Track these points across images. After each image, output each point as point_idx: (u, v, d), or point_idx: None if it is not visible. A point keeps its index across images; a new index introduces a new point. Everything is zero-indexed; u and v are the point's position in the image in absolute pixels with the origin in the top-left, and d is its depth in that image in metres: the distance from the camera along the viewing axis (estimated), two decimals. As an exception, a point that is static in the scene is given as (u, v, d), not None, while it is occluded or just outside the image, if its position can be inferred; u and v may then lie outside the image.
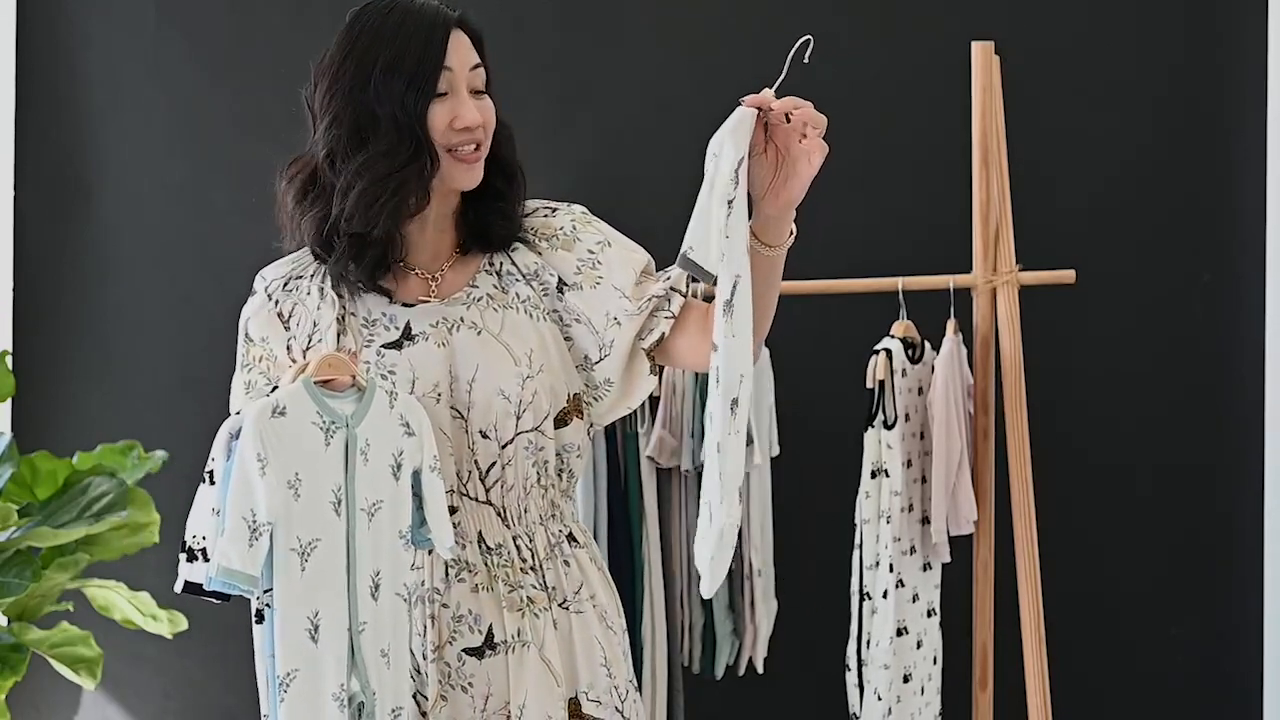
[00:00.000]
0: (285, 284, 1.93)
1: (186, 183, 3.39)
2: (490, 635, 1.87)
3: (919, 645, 2.84)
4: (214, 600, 1.71)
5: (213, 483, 1.69)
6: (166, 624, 2.92)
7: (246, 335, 1.93)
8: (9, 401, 3.23)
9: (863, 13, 3.32)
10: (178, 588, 1.72)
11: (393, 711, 1.76)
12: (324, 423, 1.72)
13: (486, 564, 1.89)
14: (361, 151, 1.84)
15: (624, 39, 3.36)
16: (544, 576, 1.91)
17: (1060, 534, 3.05)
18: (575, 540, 1.96)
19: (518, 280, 1.93)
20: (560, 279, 1.93)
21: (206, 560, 1.68)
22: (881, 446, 2.74)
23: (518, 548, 1.90)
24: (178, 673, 3.39)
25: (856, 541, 2.77)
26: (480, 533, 1.89)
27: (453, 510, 1.88)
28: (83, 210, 3.41)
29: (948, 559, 2.86)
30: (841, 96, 3.33)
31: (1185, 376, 3.31)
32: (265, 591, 1.68)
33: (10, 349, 3.33)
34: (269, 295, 1.93)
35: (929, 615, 2.88)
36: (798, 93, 3.45)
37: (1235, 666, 3.30)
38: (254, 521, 1.65)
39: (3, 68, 3.39)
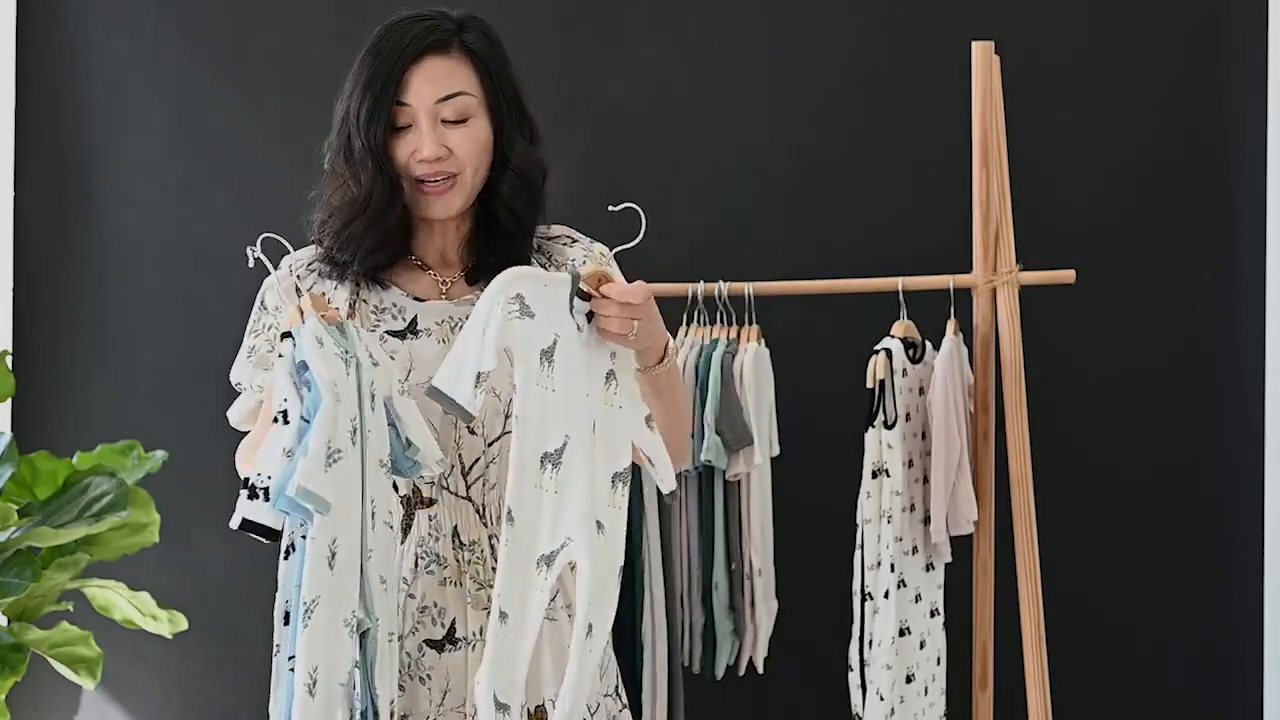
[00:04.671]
0: (309, 265, 1.97)
1: (186, 183, 3.39)
2: (452, 629, 1.89)
3: (922, 645, 2.84)
4: (263, 539, 1.71)
5: (287, 422, 1.69)
6: (166, 624, 2.92)
7: (262, 303, 1.98)
8: (9, 401, 3.23)
9: (863, 13, 3.32)
10: (234, 523, 1.71)
11: (389, 635, 1.78)
12: (344, 354, 1.74)
13: (458, 559, 1.91)
14: (340, 173, 1.91)
15: (624, 39, 3.36)
16: None
17: (1060, 534, 3.05)
18: None
19: None
20: None
21: (267, 500, 1.68)
22: (882, 446, 2.74)
23: (492, 547, 1.91)
24: (178, 673, 3.39)
25: (858, 541, 2.77)
26: (455, 527, 1.91)
27: (431, 503, 1.91)
28: (83, 210, 3.41)
29: (948, 559, 2.86)
30: (842, 96, 3.33)
31: (1185, 376, 3.31)
32: (302, 523, 1.69)
33: (10, 349, 3.33)
34: (291, 269, 1.97)
35: (932, 615, 2.88)
36: (800, 95, 3.46)
37: (1235, 666, 3.30)
38: (330, 447, 1.67)
39: (3, 68, 3.39)
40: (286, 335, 1.72)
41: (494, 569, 1.88)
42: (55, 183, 3.42)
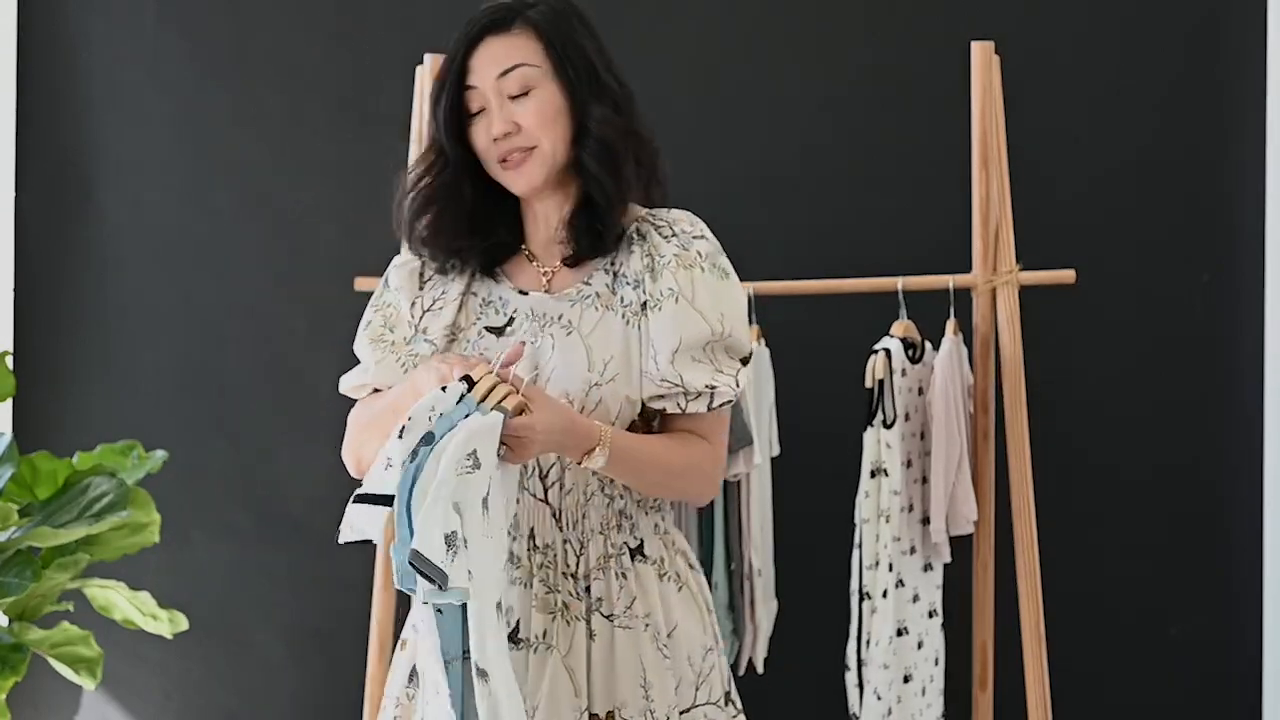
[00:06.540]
0: None
1: (187, 182, 3.39)
2: (516, 629, 1.87)
3: (920, 646, 2.83)
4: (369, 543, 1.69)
5: (400, 438, 1.67)
6: (166, 624, 2.92)
7: (386, 281, 2.00)
8: (9, 401, 3.23)
9: (863, 13, 3.32)
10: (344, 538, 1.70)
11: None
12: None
13: (531, 561, 1.89)
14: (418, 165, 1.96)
15: (624, 39, 3.36)
16: (588, 585, 1.89)
17: (1060, 534, 3.05)
18: (643, 555, 1.93)
19: (627, 283, 1.93)
20: (646, 299, 1.92)
21: (389, 505, 1.67)
22: (881, 446, 2.74)
23: (565, 552, 1.89)
24: (178, 673, 3.39)
25: (856, 541, 2.77)
26: (532, 529, 1.89)
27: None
28: (83, 210, 3.41)
29: (948, 559, 2.86)
30: (842, 95, 3.33)
31: (1185, 376, 3.31)
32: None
33: (10, 349, 3.33)
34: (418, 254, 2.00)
35: (930, 616, 2.88)
36: (800, 95, 3.46)
37: (1235, 666, 3.30)
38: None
39: (3, 68, 3.39)
40: (466, 379, 1.69)
41: (564, 574, 1.88)
42: (55, 183, 3.42)
